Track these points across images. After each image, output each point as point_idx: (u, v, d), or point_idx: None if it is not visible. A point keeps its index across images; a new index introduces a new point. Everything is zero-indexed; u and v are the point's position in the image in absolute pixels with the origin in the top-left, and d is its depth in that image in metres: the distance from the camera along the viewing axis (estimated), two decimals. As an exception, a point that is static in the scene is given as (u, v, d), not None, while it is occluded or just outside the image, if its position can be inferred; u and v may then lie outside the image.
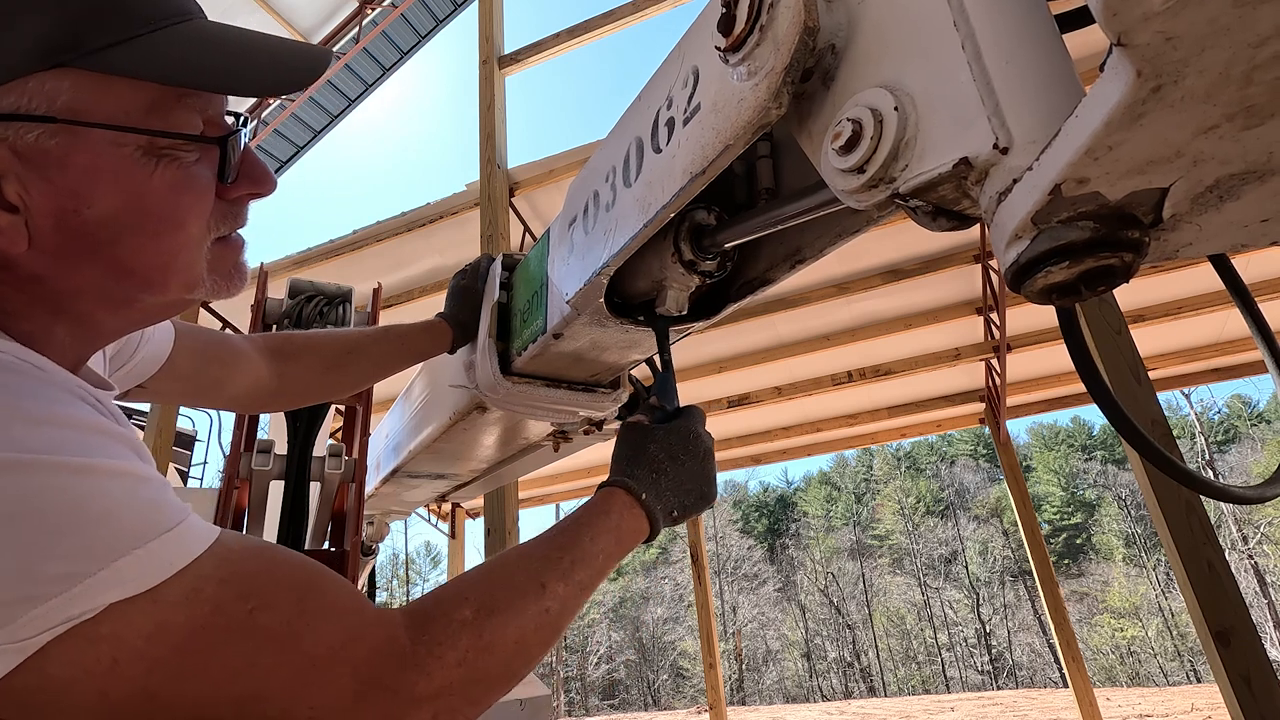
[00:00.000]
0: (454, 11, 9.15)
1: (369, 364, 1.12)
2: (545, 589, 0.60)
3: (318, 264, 5.82)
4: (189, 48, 0.51)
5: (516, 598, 0.57)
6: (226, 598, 0.44)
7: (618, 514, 0.73)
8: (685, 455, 0.82)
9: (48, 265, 0.49)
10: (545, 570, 0.61)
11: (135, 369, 0.78)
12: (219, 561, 0.45)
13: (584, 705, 36.12)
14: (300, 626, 0.46)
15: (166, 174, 0.51)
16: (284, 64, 0.55)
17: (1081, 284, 0.41)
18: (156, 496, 0.45)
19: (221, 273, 0.58)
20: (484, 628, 0.54)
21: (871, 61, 0.51)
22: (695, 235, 0.83)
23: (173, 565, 0.43)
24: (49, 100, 0.46)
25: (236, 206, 0.58)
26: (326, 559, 1.78)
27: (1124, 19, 0.29)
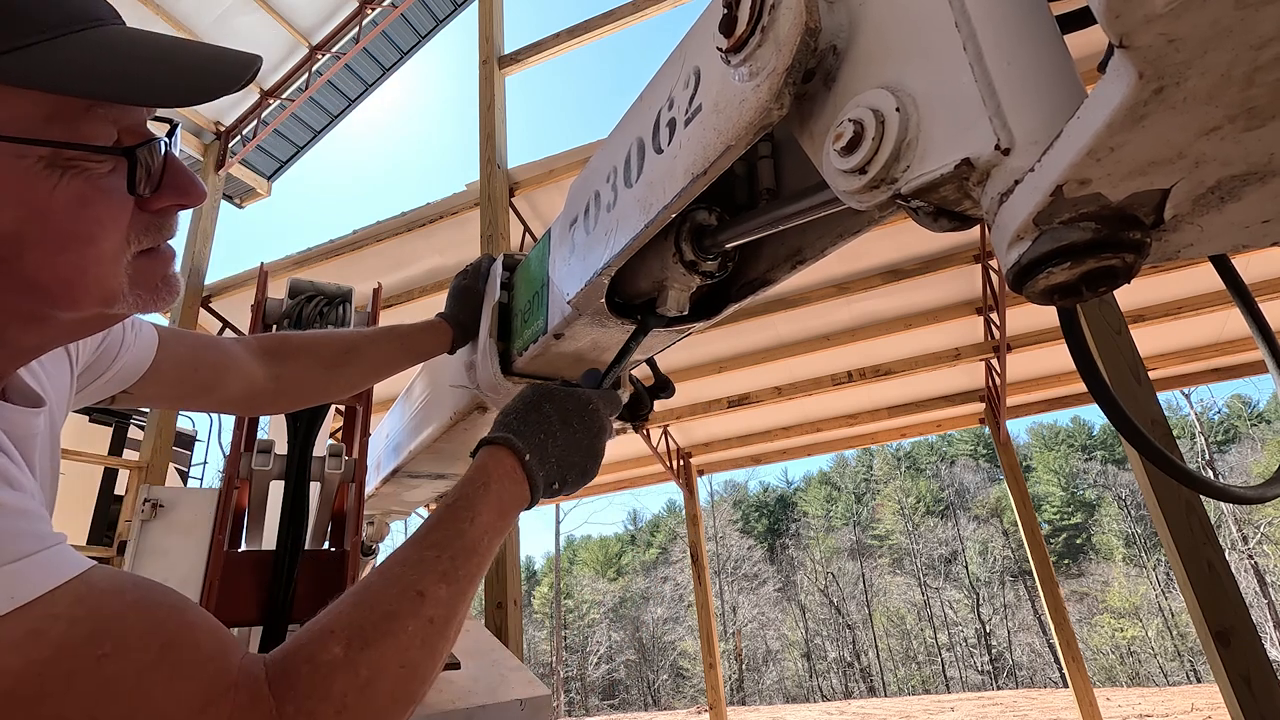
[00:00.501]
0: (454, 11, 9.15)
1: (369, 364, 1.12)
2: (424, 597, 0.54)
3: (318, 264, 5.83)
4: (89, 56, 0.48)
5: (391, 619, 0.51)
6: (74, 640, 0.39)
7: (499, 483, 0.68)
8: (579, 423, 0.77)
9: None
10: (422, 576, 0.56)
11: (116, 376, 0.77)
12: (75, 600, 0.41)
13: (584, 705, 36.12)
14: (154, 680, 0.41)
15: (72, 187, 0.48)
16: (198, 71, 0.52)
17: (1083, 284, 0.41)
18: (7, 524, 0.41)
19: (146, 286, 0.55)
20: (358, 664, 0.48)
21: (873, 62, 0.51)
22: (696, 235, 0.83)
23: (14, 599, 0.39)
24: None
25: (162, 218, 0.56)
26: (327, 559, 1.78)
27: (1126, 21, 0.29)
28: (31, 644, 0.38)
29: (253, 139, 7.71)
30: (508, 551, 3.78)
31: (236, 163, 7.71)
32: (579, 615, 40.70)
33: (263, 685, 0.45)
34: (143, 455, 5.62)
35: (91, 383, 0.75)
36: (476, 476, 0.68)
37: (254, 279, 3.55)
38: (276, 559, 1.65)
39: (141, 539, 2.25)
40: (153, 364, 0.82)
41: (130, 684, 0.40)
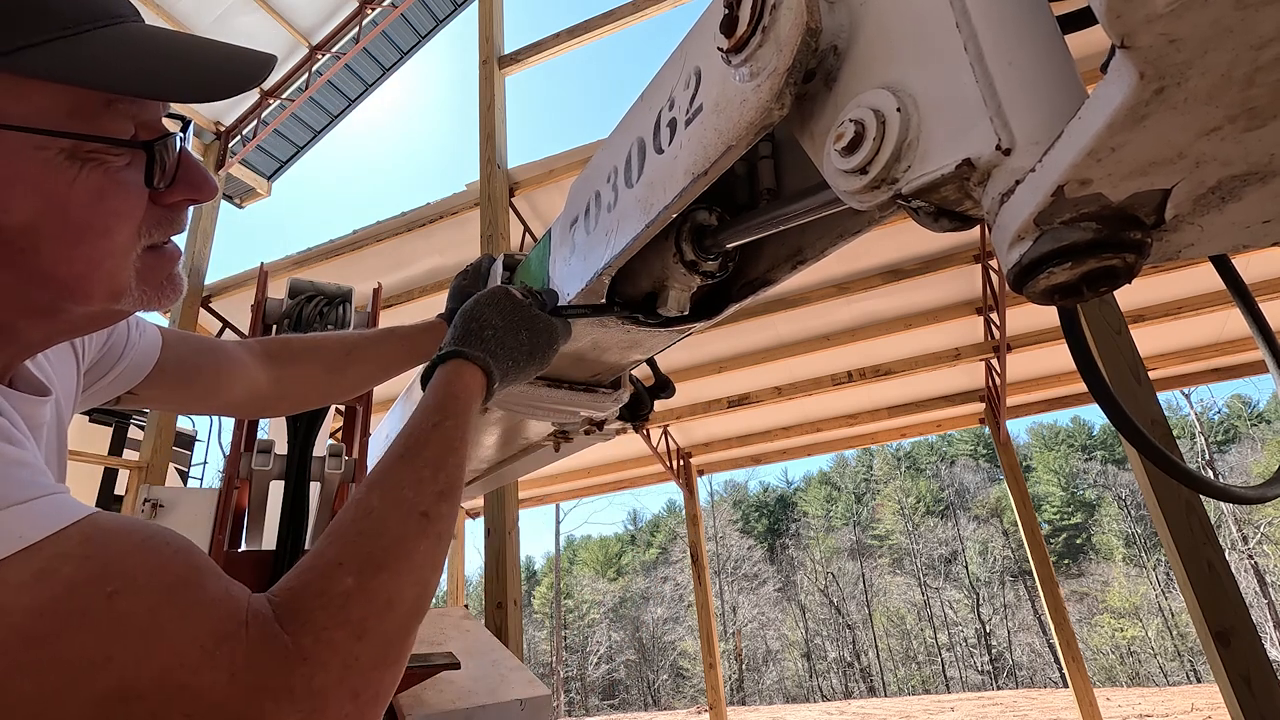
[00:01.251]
0: (454, 11, 9.15)
1: (370, 366, 1.12)
2: (429, 517, 0.54)
3: (318, 264, 5.83)
4: (112, 52, 0.49)
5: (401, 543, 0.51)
6: (83, 578, 0.39)
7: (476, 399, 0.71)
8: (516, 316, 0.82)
9: None
10: (421, 496, 0.55)
11: (122, 376, 0.78)
12: (83, 539, 0.41)
13: (584, 705, 36.12)
14: (166, 617, 0.41)
15: (91, 179, 0.49)
16: (217, 69, 0.54)
17: (1084, 285, 0.41)
18: (10, 471, 0.42)
19: (152, 283, 0.56)
20: (373, 590, 0.48)
21: (874, 62, 0.51)
22: (697, 235, 0.84)
23: (23, 539, 0.39)
24: None
25: (173, 212, 0.57)
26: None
27: (1127, 21, 0.29)
28: (41, 583, 0.38)
29: (253, 139, 7.72)
30: (508, 551, 3.78)
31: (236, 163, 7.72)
32: (579, 615, 40.71)
33: (273, 622, 0.45)
34: (143, 455, 5.63)
35: (97, 381, 0.75)
36: (462, 396, 0.70)
37: (254, 279, 3.55)
38: (277, 559, 1.65)
39: (142, 539, 2.25)
40: (156, 365, 0.82)
41: (142, 621, 0.40)
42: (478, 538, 8.42)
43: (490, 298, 0.84)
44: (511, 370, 0.80)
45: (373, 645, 0.46)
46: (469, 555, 9.80)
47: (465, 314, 0.82)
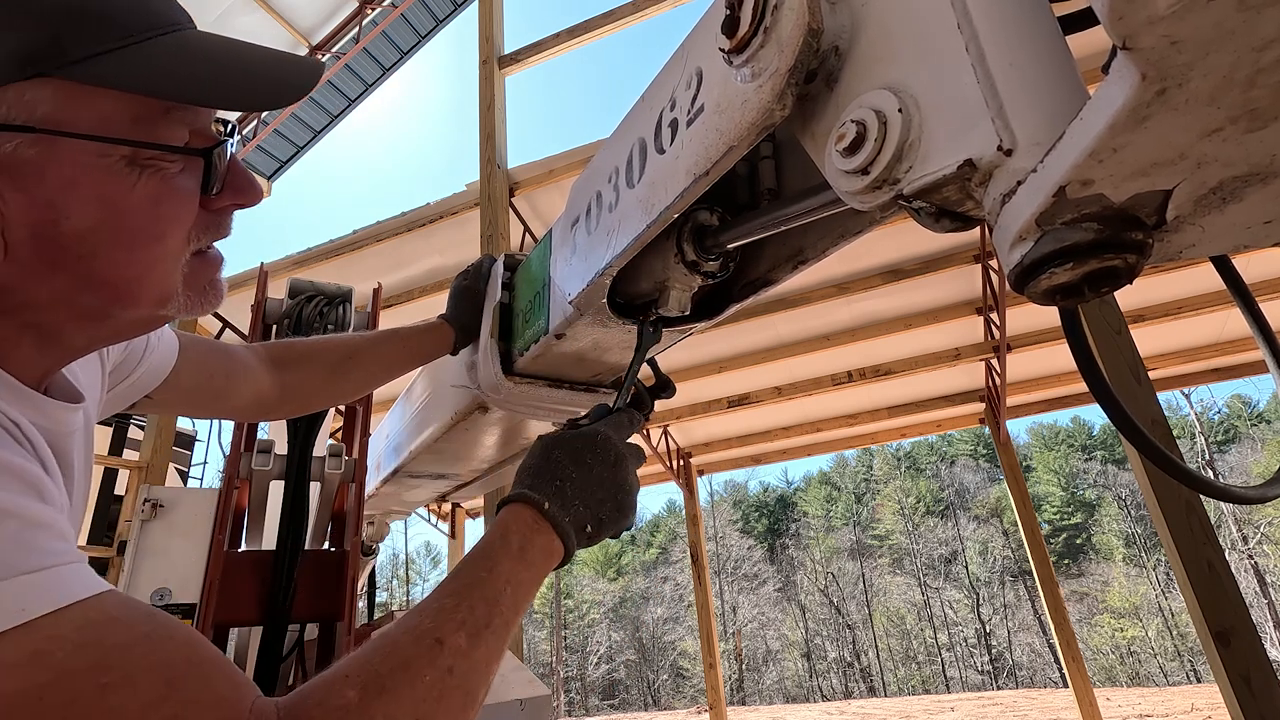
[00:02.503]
0: (454, 11, 9.16)
1: (371, 369, 1.12)
2: (442, 645, 0.52)
3: (318, 264, 5.82)
4: (175, 60, 0.50)
5: (406, 667, 0.49)
6: (78, 666, 0.37)
7: (520, 535, 0.65)
8: (593, 459, 0.74)
9: (20, 276, 0.48)
10: (439, 625, 0.53)
11: (140, 381, 0.78)
12: (84, 623, 0.39)
13: (584, 705, 36.11)
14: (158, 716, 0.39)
15: (148, 186, 0.50)
16: (272, 78, 0.54)
17: (1085, 285, 0.41)
18: (27, 536, 0.40)
19: (196, 288, 0.57)
20: (372, 711, 0.46)
21: (875, 63, 0.51)
22: (698, 236, 0.84)
23: (24, 612, 0.37)
24: (28, 110, 0.45)
25: (220, 217, 0.57)
26: (327, 559, 1.78)
27: (1129, 23, 0.29)
28: (34, 666, 0.37)
29: (253, 139, 7.72)
30: (508, 551, 3.78)
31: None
32: (579, 615, 40.70)
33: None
34: (143, 455, 5.62)
35: (120, 383, 0.75)
36: (494, 531, 0.66)
37: (254, 279, 3.55)
38: (276, 559, 1.65)
39: (141, 539, 2.24)
40: (174, 369, 0.82)
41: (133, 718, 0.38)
42: (478, 537, 8.41)
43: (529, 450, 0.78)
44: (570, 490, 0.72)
45: None
46: (469, 555, 9.88)
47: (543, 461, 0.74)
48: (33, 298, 0.50)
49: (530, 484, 0.71)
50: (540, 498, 0.69)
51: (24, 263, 0.47)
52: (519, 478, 0.73)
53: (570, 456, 0.74)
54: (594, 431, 0.78)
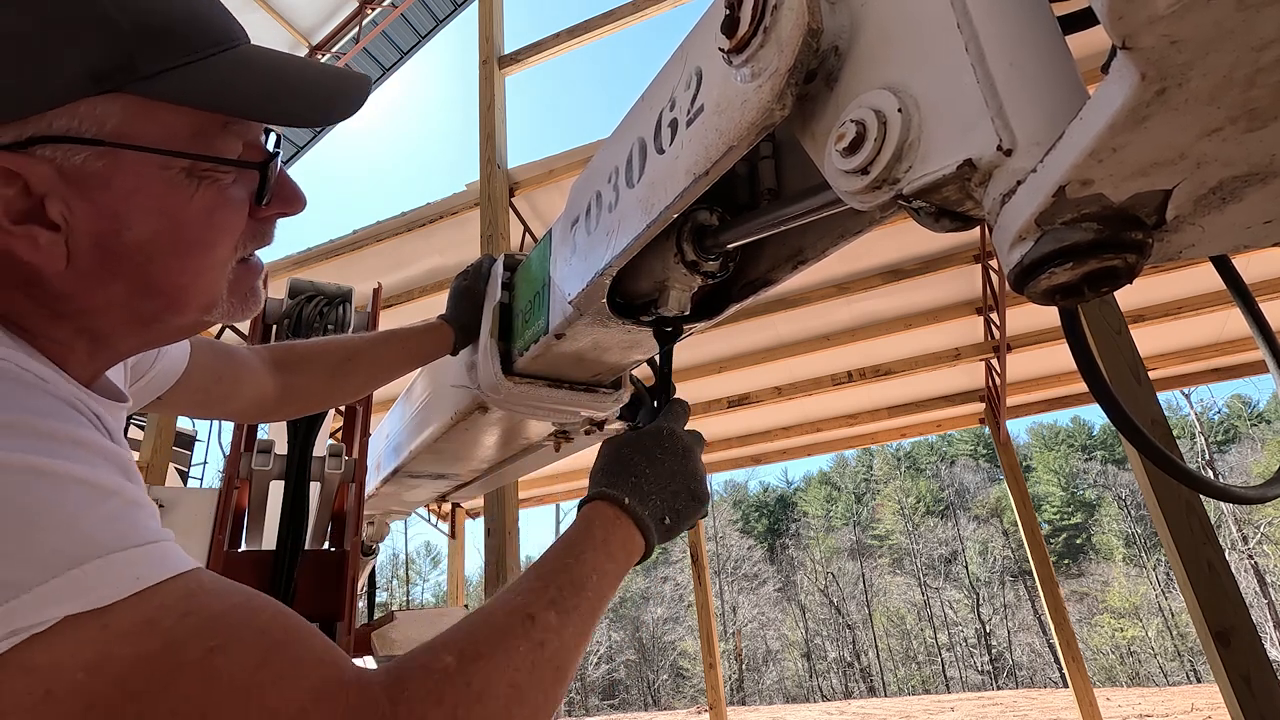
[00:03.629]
0: (454, 11, 9.16)
1: (371, 370, 1.12)
2: (534, 620, 0.54)
3: (318, 264, 5.82)
4: (236, 75, 0.52)
5: (502, 637, 0.52)
6: (184, 633, 0.39)
7: (602, 528, 0.67)
8: (662, 453, 0.77)
9: (79, 283, 0.50)
10: (530, 602, 0.56)
11: (153, 382, 0.79)
12: (186, 593, 0.41)
13: (584, 705, 36.11)
14: (264, 678, 0.40)
15: (205, 196, 0.52)
16: (327, 93, 0.56)
17: (1085, 285, 0.41)
18: (128, 513, 0.42)
19: (239, 295, 0.59)
20: (470, 675, 0.47)
21: (875, 63, 0.51)
22: (698, 236, 0.84)
23: (137, 581, 0.39)
24: (99, 124, 0.47)
25: (265, 225, 0.60)
26: (327, 559, 1.78)
27: (1129, 22, 0.29)
28: (145, 634, 0.38)
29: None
30: (508, 551, 3.78)
31: (236, 163, 7.71)
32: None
33: (375, 687, 0.44)
34: (143, 455, 5.62)
35: (136, 383, 0.76)
36: (577, 525, 0.68)
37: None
38: (276, 559, 1.65)
39: (142, 539, 2.24)
40: (185, 370, 0.84)
41: (240, 679, 0.39)
42: (478, 538, 8.42)
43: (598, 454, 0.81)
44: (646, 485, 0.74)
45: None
46: (469, 555, 9.88)
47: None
48: (90, 304, 0.51)
49: (606, 483, 0.73)
50: (619, 494, 0.71)
51: (85, 271, 0.49)
52: (593, 480, 0.75)
53: (641, 453, 0.76)
54: (658, 428, 0.80)
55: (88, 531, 0.39)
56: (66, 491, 0.39)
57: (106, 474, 0.42)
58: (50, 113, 0.45)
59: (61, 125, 0.46)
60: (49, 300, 0.50)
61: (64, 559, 0.37)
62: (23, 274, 0.48)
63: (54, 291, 0.50)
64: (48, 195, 0.46)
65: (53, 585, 0.36)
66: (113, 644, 0.37)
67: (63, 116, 0.46)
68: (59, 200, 0.47)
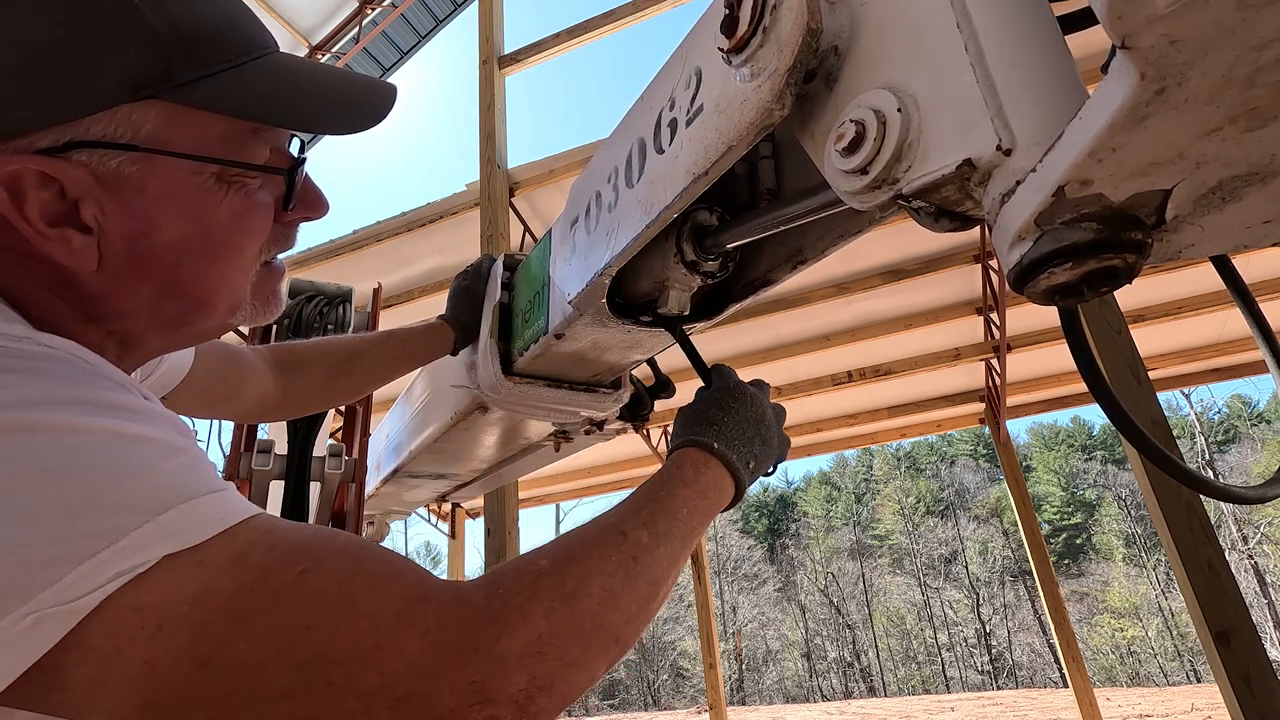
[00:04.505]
0: (454, 11, 9.16)
1: (371, 370, 1.12)
2: (626, 536, 0.56)
3: (318, 264, 5.82)
4: (268, 84, 0.53)
5: (595, 545, 0.54)
6: (274, 561, 0.42)
7: (692, 469, 0.69)
8: (736, 404, 0.79)
9: (110, 285, 0.51)
10: (623, 520, 0.58)
11: (158, 382, 0.80)
12: (266, 530, 0.44)
13: (584, 705, 36.11)
14: (356, 588, 0.43)
15: (233, 201, 0.53)
16: (355, 101, 0.58)
17: (1084, 285, 0.41)
18: (197, 466, 0.44)
19: (261, 298, 0.61)
20: (564, 575, 0.49)
21: (874, 63, 0.51)
22: (697, 236, 0.84)
23: (223, 520, 0.42)
24: (134, 129, 0.48)
25: (289, 229, 0.61)
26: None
27: (1129, 22, 0.29)
28: (240, 565, 0.41)
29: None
30: (508, 551, 3.78)
31: (236, 163, 7.71)
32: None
33: (468, 587, 0.46)
34: (143, 455, 5.62)
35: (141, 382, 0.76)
36: (668, 466, 0.70)
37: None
38: (277, 559, 1.65)
39: (142, 539, 2.25)
40: (190, 369, 0.84)
41: (333, 594, 0.42)
42: (478, 537, 8.43)
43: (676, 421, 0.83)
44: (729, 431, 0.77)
45: (559, 631, 0.47)
46: (469, 555, 9.86)
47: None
48: (120, 307, 0.53)
49: (693, 432, 0.75)
50: (708, 439, 0.73)
51: (116, 273, 0.50)
52: (677, 434, 0.78)
53: (716, 406, 0.79)
54: (723, 386, 0.83)
55: (168, 481, 0.41)
56: (142, 449, 0.42)
57: (171, 434, 0.45)
58: (89, 118, 0.46)
59: (99, 131, 0.47)
60: (81, 303, 0.51)
61: (152, 506, 0.39)
62: (56, 276, 0.49)
63: (86, 293, 0.51)
64: (82, 199, 0.47)
65: (146, 530, 0.38)
66: (213, 576, 0.40)
67: (100, 122, 0.46)
68: (93, 204, 0.48)
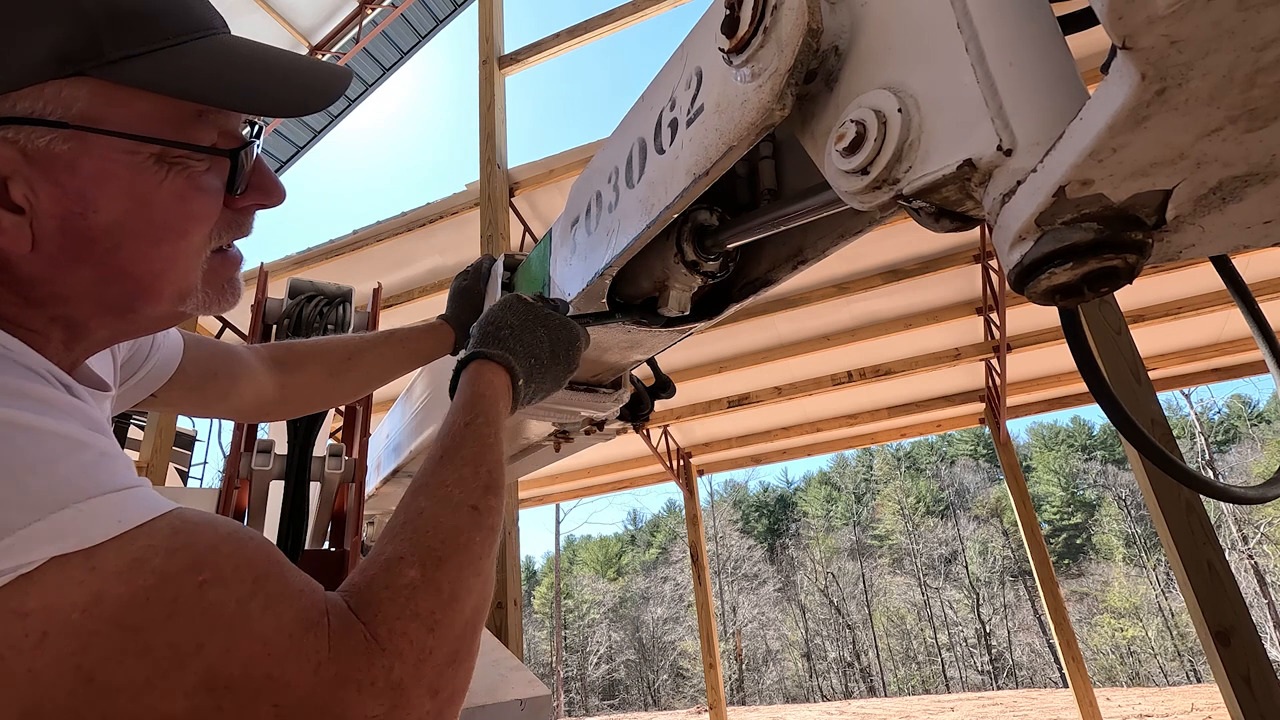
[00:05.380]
0: (454, 11, 9.16)
1: (371, 369, 1.12)
2: (478, 510, 0.56)
3: (318, 264, 5.82)
4: (207, 64, 0.51)
5: (458, 534, 0.53)
6: (175, 568, 0.40)
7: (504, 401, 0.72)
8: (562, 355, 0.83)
9: (47, 268, 0.50)
10: (469, 493, 0.57)
11: (147, 378, 0.79)
12: (171, 531, 0.42)
13: (584, 705, 36.11)
14: (253, 608, 0.41)
15: (175, 183, 0.52)
16: (302, 85, 0.56)
17: (1085, 285, 0.41)
18: (103, 462, 0.42)
19: (214, 286, 0.58)
20: (439, 582, 0.48)
21: (875, 63, 0.51)
22: (698, 235, 0.84)
23: (121, 523, 0.40)
24: (65, 106, 0.46)
25: (242, 216, 0.59)
26: (327, 559, 1.78)
27: (1129, 22, 0.29)
28: (136, 572, 0.39)
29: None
30: (508, 551, 3.78)
31: (236, 163, 7.71)
32: (579, 615, 40.68)
33: (350, 613, 0.45)
34: (143, 455, 5.62)
35: (128, 380, 0.76)
36: (488, 394, 0.71)
37: (254, 279, 3.55)
38: (277, 559, 1.65)
39: (142, 539, 2.25)
40: (179, 366, 0.83)
41: (231, 610, 0.40)
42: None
43: (503, 302, 0.85)
44: (536, 369, 0.81)
45: (445, 639, 0.47)
46: (469, 555, 9.88)
47: (482, 321, 0.83)
48: (59, 290, 0.51)
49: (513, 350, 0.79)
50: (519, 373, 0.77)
51: (52, 255, 0.49)
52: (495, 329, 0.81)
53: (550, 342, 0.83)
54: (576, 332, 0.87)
55: (67, 478, 0.40)
56: (43, 443, 0.40)
57: (78, 429, 0.43)
58: (14, 94, 0.45)
59: (25, 107, 0.45)
60: (17, 286, 0.50)
61: (46, 504, 0.38)
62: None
63: (21, 276, 0.50)
64: (11, 177, 0.46)
65: (35, 528, 0.37)
66: (105, 583, 0.38)
67: (27, 98, 0.45)
68: (23, 182, 0.47)
